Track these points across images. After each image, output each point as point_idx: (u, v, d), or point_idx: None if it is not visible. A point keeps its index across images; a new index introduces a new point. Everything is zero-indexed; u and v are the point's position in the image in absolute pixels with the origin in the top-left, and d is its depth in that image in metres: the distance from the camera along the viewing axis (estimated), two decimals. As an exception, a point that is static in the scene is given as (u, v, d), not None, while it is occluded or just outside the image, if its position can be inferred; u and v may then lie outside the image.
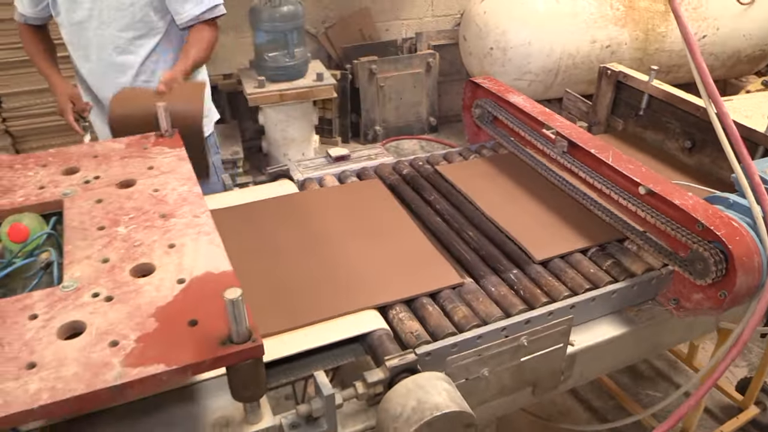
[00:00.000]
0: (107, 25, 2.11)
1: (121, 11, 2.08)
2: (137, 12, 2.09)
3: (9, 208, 1.28)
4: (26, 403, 0.83)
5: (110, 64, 2.17)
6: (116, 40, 2.13)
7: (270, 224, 1.58)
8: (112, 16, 2.09)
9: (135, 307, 1.00)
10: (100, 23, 2.10)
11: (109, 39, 2.13)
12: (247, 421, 1.06)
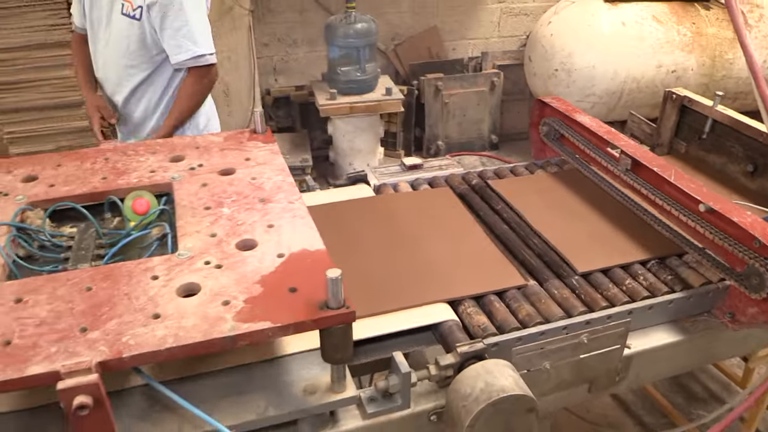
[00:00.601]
0: (110, 48, 2.31)
1: (120, 39, 2.27)
2: (131, 44, 2.26)
3: (125, 187, 1.45)
4: (155, 345, 0.98)
5: (111, 81, 2.38)
6: (115, 63, 2.33)
7: (350, 222, 1.71)
8: (114, 42, 2.29)
9: (241, 274, 1.14)
10: (107, 44, 2.31)
11: (111, 60, 2.33)
12: (332, 390, 1.18)
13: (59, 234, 1.36)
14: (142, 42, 2.25)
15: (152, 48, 2.27)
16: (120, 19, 2.24)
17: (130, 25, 2.23)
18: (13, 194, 1.44)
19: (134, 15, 2.22)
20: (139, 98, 2.38)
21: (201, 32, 2.25)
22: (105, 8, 2.27)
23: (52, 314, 1.05)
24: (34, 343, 0.98)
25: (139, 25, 2.22)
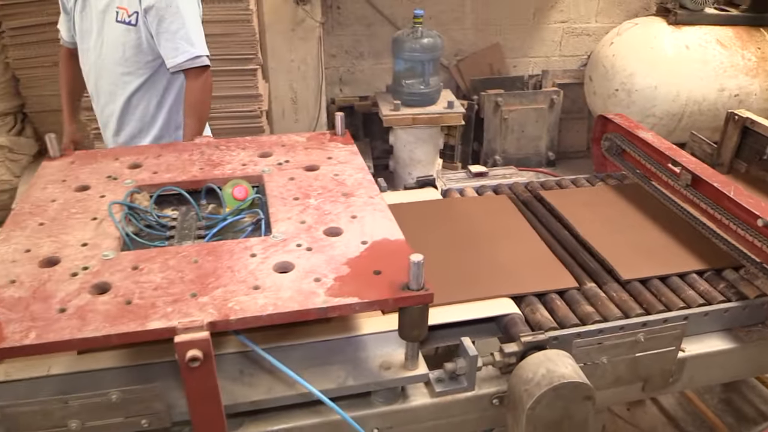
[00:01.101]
0: (104, 58, 2.32)
1: (114, 47, 2.29)
2: (127, 51, 2.28)
3: (221, 177, 1.61)
4: (257, 311, 1.11)
5: (104, 92, 2.40)
6: (108, 72, 2.34)
7: (419, 221, 1.83)
8: (108, 50, 2.30)
9: (330, 257, 1.27)
10: (99, 55, 2.33)
11: (105, 70, 2.35)
12: (405, 367, 1.29)
13: (163, 215, 1.52)
14: (138, 48, 2.28)
15: (148, 53, 2.29)
16: (114, 27, 2.26)
17: (126, 31, 2.26)
18: (122, 179, 1.61)
19: (130, 21, 2.24)
20: (135, 106, 2.40)
21: (197, 34, 2.29)
22: (95, 19, 2.29)
23: (166, 281, 1.19)
24: (152, 304, 1.13)
25: (135, 30, 2.25)
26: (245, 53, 3.67)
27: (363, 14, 4.47)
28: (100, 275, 1.21)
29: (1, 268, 1.24)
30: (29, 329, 1.07)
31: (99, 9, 2.27)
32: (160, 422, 1.16)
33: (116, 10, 2.25)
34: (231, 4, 3.54)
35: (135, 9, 2.23)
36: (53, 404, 1.11)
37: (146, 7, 2.21)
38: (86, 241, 1.33)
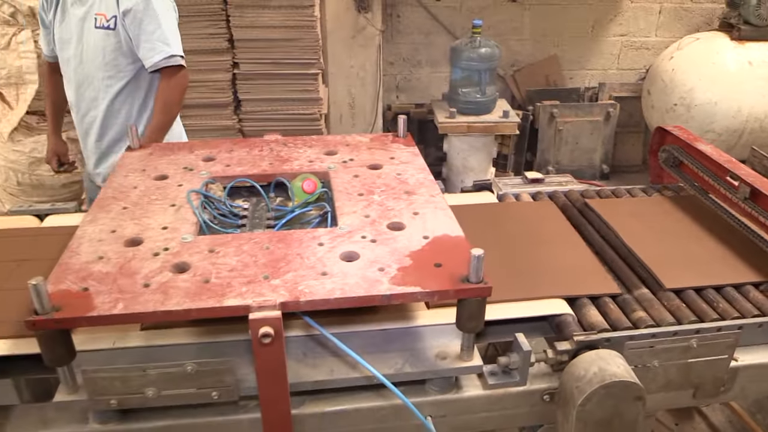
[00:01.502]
0: (85, 65, 2.42)
1: (95, 52, 2.39)
2: (107, 55, 2.38)
3: (289, 171, 1.70)
4: (325, 295, 1.18)
5: (86, 99, 2.49)
6: (90, 78, 2.44)
7: (476, 222, 1.88)
8: (89, 57, 2.40)
9: (393, 249, 1.33)
10: (80, 62, 2.43)
11: (85, 76, 2.45)
12: (461, 358, 1.34)
13: (235, 205, 1.61)
14: (118, 51, 2.38)
15: (128, 55, 2.40)
16: (93, 33, 2.37)
17: (106, 36, 2.36)
18: (197, 170, 1.71)
19: (109, 26, 2.35)
20: (118, 110, 2.49)
21: (172, 35, 2.40)
22: (74, 27, 2.39)
23: (240, 263, 1.28)
24: (228, 283, 1.21)
25: (114, 34, 2.35)
26: (308, 58, 3.79)
27: (422, 23, 4.56)
28: (179, 256, 1.31)
29: (90, 246, 1.35)
30: (117, 300, 1.17)
31: (78, 17, 2.38)
32: (229, 395, 1.24)
33: (94, 17, 2.36)
34: (297, 10, 3.67)
35: (113, 13, 2.35)
36: (133, 372, 1.19)
37: (124, 10, 2.33)
38: (166, 225, 1.43)
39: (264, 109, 3.84)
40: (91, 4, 2.38)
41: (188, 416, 1.29)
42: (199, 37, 3.66)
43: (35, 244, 1.70)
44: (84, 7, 2.39)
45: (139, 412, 1.28)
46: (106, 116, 2.50)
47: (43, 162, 3.92)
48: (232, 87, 3.83)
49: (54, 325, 1.13)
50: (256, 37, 3.74)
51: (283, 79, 3.83)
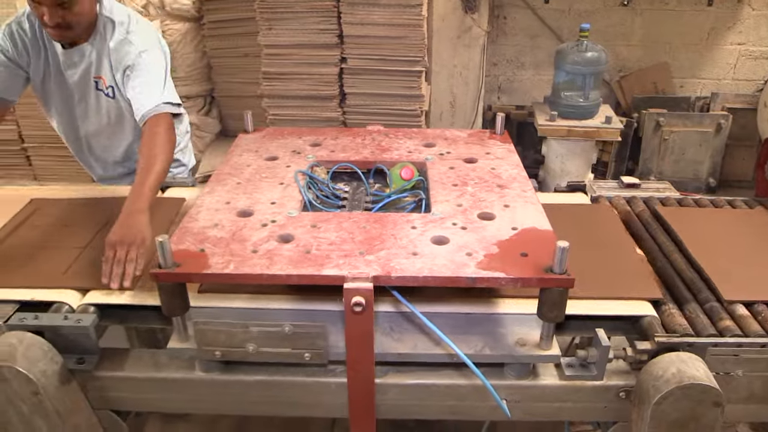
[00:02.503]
0: (92, 122, 2.23)
1: (101, 115, 2.21)
2: (112, 117, 2.21)
3: (389, 160, 1.79)
4: (414, 272, 1.27)
5: (99, 146, 2.34)
6: (102, 132, 2.27)
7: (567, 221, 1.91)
8: (94, 116, 2.21)
9: (481, 237, 1.40)
10: (86, 117, 2.23)
11: (95, 130, 2.26)
12: (539, 347, 1.39)
13: (337, 188, 1.73)
14: (122, 116, 2.22)
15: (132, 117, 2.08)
16: (96, 94, 2.17)
17: (107, 101, 2.18)
18: (304, 154, 1.84)
19: (108, 93, 2.15)
20: (136, 151, 2.31)
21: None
22: (76, 85, 2.14)
23: (339, 239, 1.39)
24: (327, 255, 1.33)
25: (114, 102, 2.18)
26: (413, 56, 3.89)
27: (529, 25, 4.55)
28: (285, 228, 1.43)
29: (207, 214, 1.50)
30: (229, 262, 1.30)
31: (74, 80, 2.14)
32: (320, 358, 1.35)
33: (94, 80, 2.14)
34: (405, 9, 3.77)
35: (110, 83, 2.14)
36: (237, 327, 1.33)
37: (118, 78, 2.10)
38: (274, 200, 1.56)
39: (367, 103, 3.98)
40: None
41: (281, 374, 1.42)
42: (310, 32, 3.84)
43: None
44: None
45: (238, 366, 1.43)
46: (125, 158, 2.39)
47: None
48: (339, 80, 3.98)
49: (174, 278, 1.28)
50: (364, 33, 3.87)
51: (388, 75, 3.94)
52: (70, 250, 1.70)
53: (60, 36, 1.97)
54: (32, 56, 2.10)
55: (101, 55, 2.08)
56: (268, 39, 3.89)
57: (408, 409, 1.45)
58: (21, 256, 1.67)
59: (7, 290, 1.54)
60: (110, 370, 1.45)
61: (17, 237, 1.78)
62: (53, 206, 1.94)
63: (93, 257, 1.64)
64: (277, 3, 3.79)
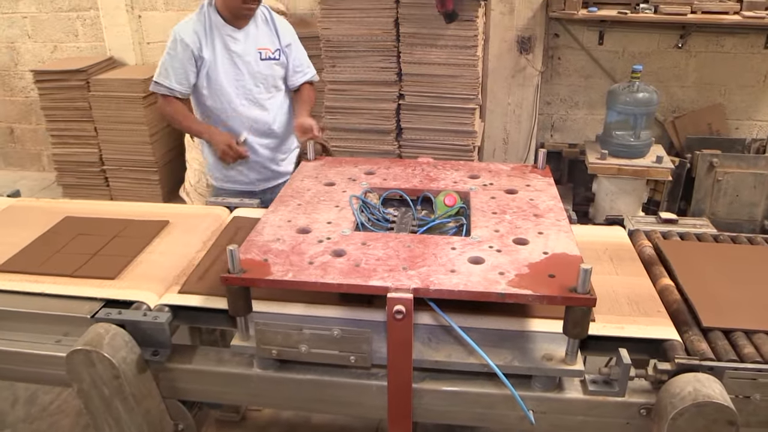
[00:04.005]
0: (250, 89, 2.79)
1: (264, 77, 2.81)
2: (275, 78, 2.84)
3: (435, 189, 1.96)
4: (451, 287, 1.42)
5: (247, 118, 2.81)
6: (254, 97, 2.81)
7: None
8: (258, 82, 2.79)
9: (515, 259, 1.54)
10: (245, 87, 2.78)
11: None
12: (565, 362, 1.51)
13: (387, 212, 1.91)
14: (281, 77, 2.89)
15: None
16: (261, 64, 2.77)
17: (272, 65, 2.81)
18: (359, 180, 2.03)
19: (272, 57, 2.80)
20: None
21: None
22: (245, 58, 2.74)
23: (385, 256, 1.55)
24: (374, 269, 1.49)
25: (279, 63, 2.82)
26: (467, 94, 4.08)
27: (582, 66, 4.68)
28: (338, 244, 1.61)
29: (271, 230, 1.70)
30: (288, 271, 1.49)
31: (238, 54, 2.73)
32: (364, 362, 1.51)
33: (258, 51, 2.77)
34: (461, 50, 3.98)
35: (277, 47, 2.82)
36: (292, 329, 1.51)
37: (287, 43, 2.83)
38: (330, 221, 1.75)
39: (422, 137, 4.18)
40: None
41: (329, 374, 1.59)
42: (371, 70, 4.09)
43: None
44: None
45: (292, 365, 1.60)
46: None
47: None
48: (396, 115, 4.20)
49: (240, 282, 1.47)
50: (422, 72, 4.10)
51: (443, 111, 4.14)
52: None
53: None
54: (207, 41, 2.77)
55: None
56: (331, 75, 4.16)
57: (441, 414, 1.59)
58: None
59: (96, 288, 1.76)
60: (180, 362, 1.65)
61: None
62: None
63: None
64: (341, 42, 4.06)
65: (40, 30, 5.32)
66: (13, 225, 2.18)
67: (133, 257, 1.93)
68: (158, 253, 1.99)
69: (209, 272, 1.84)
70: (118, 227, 2.12)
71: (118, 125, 4.86)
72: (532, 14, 4.28)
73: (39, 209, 2.31)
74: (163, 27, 5.07)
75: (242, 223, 2.17)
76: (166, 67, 2.69)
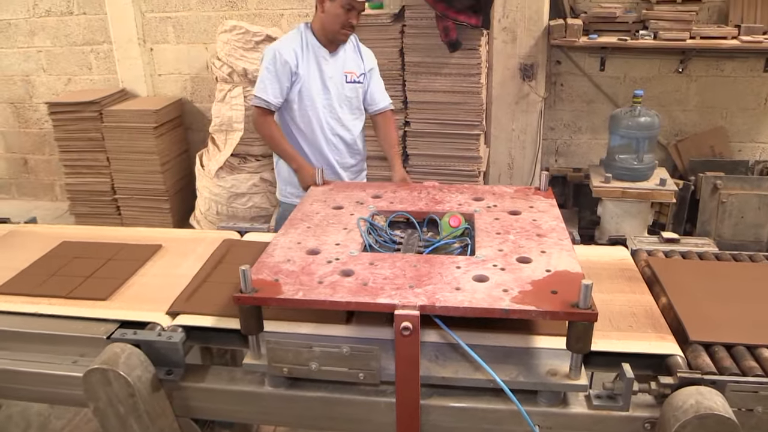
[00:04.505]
0: (336, 110, 3.02)
1: (350, 100, 3.05)
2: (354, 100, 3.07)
3: (441, 211, 2.02)
4: (456, 304, 1.47)
5: (332, 134, 3.05)
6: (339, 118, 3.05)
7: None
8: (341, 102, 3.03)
9: (518, 277, 1.59)
10: (331, 107, 3.00)
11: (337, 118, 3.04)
12: (569, 376, 1.55)
13: (394, 234, 1.96)
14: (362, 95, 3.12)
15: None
16: (346, 86, 3.02)
17: (356, 88, 3.05)
18: (366, 204, 2.09)
19: (356, 80, 3.04)
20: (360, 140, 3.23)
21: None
22: (333, 80, 2.98)
23: (392, 275, 1.60)
24: (382, 287, 1.54)
25: (362, 86, 3.07)
26: (471, 120, 4.16)
27: (584, 92, 4.76)
28: (347, 265, 1.66)
29: (281, 251, 1.75)
30: (298, 290, 1.54)
31: (328, 75, 2.97)
32: (372, 378, 1.55)
33: (344, 74, 3.01)
34: (464, 78, 4.07)
35: (361, 71, 3.05)
36: (303, 347, 1.55)
37: (370, 69, 3.08)
38: (339, 242, 1.80)
39: (429, 163, 4.25)
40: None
41: (339, 392, 1.63)
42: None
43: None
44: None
45: (302, 383, 1.64)
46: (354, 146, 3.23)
47: (238, 196, 4.61)
48: (403, 142, 4.28)
49: (252, 301, 1.52)
50: (427, 100, 4.18)
51: (448, 138, 4.21)
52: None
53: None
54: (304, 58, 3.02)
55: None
56: (339, 104, 4.24)
57: (449, 430, 1.62)
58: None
59: (110, 311, 1.82)
60: (193, 381, 1.69)
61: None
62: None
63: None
64: (347, 71, 4.16)
65: (55, 63, 5.46)
66: (13, 249, 2.28)
67: (125, 279, 2.01)
68: (150, 275, 2.07)
69: (197, 293, 1.91)
70: (112, 251, 2.21)
71: (130, 155, 4.96)
72: (534, 42, 4.37)
73: (38, 234, 2.42)
74: (174, 59, 5.20)
75: (233, 245, 2.24)
76: (264, 82, 2.89)
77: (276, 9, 4.84)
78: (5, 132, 5.88)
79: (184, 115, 5.34)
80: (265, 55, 2.92)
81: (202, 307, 1.82)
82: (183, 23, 5.09)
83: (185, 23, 5.09)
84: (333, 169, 3.10)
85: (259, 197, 4.68)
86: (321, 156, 3.07)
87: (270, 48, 2.93)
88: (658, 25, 4.26)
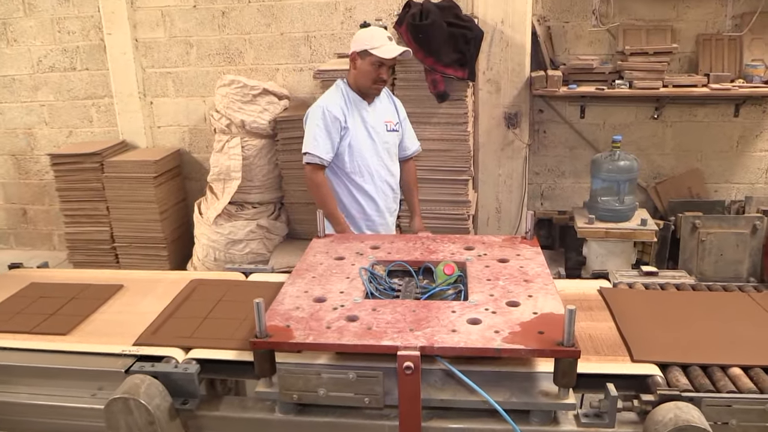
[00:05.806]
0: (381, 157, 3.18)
1: (390, 148, 3.21)
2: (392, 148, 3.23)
3: (435, 260, 2.19)
4: (453, 344, 1.63)
5: (380, 179, 3.19)
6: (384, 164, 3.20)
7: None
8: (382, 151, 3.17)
9: (508, 319, 1.75)
10: (376, 154, 3.15)
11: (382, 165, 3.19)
12: (558, 397, 1.69)
13: (392, 282, 2.12)
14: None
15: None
16: (387, 135, 3.18)
17: (395, 136, 3.22)
18: (366, 254, 2.25)
19: (395, 129, 3.20)
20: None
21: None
22: (376, 129, 3.13)
23: (394, 319, 1.76)
24: (384, 331, 1.70)
25: (399, 134, 3.24)
26: (459, 166, 4.36)
27: (566, 138, 5.00)
28: (351, 311, 1.82)
29: (290, 300, 1.91)
30: (309, 334, 1.69)
31: (371, 125, 3.13)
32: (377, 402, 1.69)
33: (385, 123, 3.18)
34: (452, 126, 4.29)
35: (397, 120, 3.24)
36: (311, 374, 1.69)
37: (403, 117, 3.28)
38: (342, 290, 1.96)
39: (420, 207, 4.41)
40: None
41: (345, 416, 1.77)
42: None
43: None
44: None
45: (310, 409, 1.78)
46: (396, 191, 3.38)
47: (236, 242, 4.75)
48: (394, 189, 4.47)
49: (267, 345, 1.67)
50: (417, 147, 4.38)
51: (438, 183, 4.41)
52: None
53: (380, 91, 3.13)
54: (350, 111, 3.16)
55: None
56: (333, 153, 4.43)
57: (449, 452, 1.76)
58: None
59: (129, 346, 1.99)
60: (207, 410, 1.84)
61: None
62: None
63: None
64: (341, 123, 4.36)
65: (57, 117, 5.64)
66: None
67: (86, 316, 2.20)
68: (111, 312, 2.26)
69: (163, 327, 2.09)
70: (75, 291, 2.40)
71: (130, 204, 5.11)
72: (517, 92, 4.62)
73: (10, 277, 2.65)
74: (173, 112, 5.41)
75: (200, 284, 2.42)
76: (315, 139, 3.01)
77: (272, 64, 5.07)
78: (5, 183, 6.02)
79: (182, 165, 5.52)
80: (312, 114, 3.04)
81: (169, 340, 2.00)
82: (182, 78, 5.31)
83: (184, 78, 5.31)
84: (382, 214, 3.25)
85: (255, 243, 4.82)
86: (373, 203, 3.19)
87: (316, 106, 3.05)
88: (633, 74, 4.53)
